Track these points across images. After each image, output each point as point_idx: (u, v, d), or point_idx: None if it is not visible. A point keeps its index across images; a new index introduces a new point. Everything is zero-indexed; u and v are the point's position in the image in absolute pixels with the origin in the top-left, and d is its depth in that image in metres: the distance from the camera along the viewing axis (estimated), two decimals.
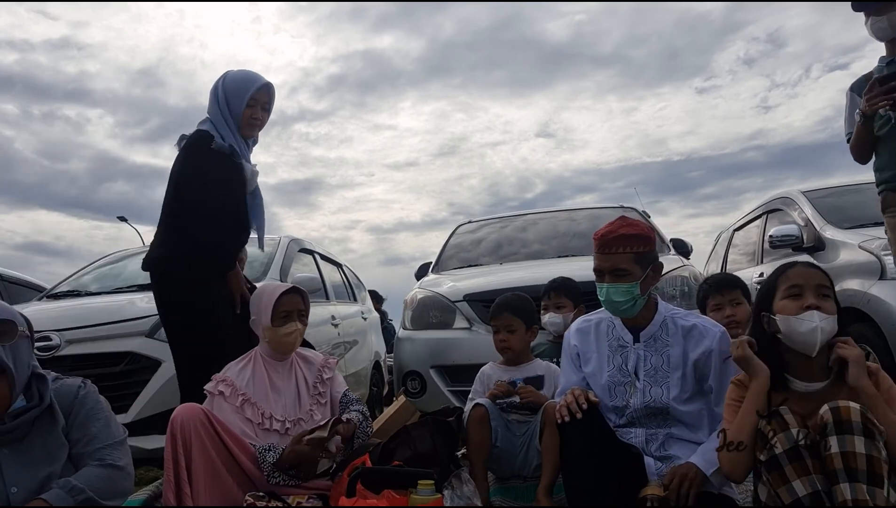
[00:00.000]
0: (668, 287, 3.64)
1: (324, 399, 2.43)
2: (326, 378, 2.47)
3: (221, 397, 2.30)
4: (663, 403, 2.00)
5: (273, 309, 2.37)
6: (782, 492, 1.53)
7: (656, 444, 2.02)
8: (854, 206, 4.26)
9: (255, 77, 2.80)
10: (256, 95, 2.76)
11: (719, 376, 1.98)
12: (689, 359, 2.00)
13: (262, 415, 2.29)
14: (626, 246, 2.00)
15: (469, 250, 5.04)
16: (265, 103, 2.82)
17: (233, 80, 2.78)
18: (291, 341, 2.41)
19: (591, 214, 5.22)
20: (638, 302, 2.02)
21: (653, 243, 2.07)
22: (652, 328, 2.06)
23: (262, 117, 2.83)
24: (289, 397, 2.37)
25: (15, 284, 5.52)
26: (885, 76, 2.51)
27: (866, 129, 2.59)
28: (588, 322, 2.20)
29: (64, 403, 1.81)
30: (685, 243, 4.67)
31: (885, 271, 3.20)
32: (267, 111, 2.85)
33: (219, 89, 2.76)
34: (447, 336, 3.77)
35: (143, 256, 2.73)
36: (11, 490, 1.65)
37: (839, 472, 1.46)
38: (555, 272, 3.51)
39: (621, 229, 2.03)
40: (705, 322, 2.08)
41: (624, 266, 1.99)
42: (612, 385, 2.07)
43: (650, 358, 2.04)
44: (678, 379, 2.00)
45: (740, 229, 5.69)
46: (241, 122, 2.76)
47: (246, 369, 2.39)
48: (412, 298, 4.07)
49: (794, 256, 4.02)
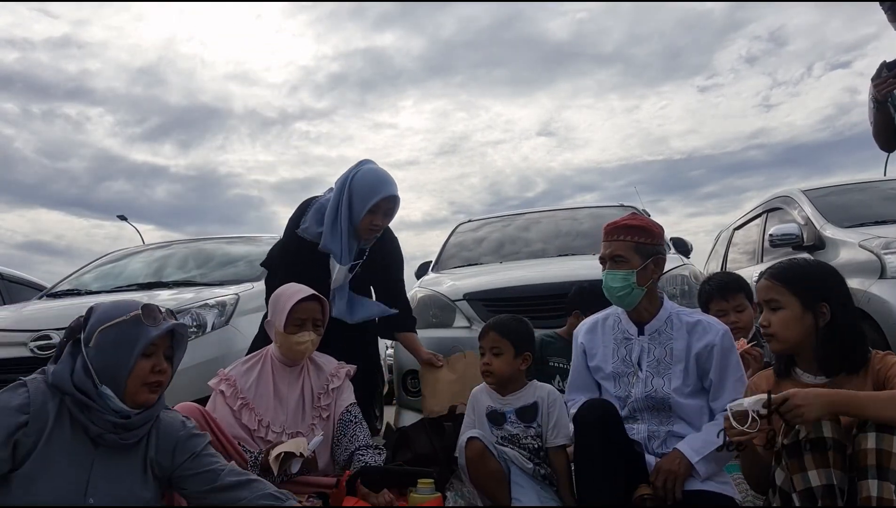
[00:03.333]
0: (669, 286, 3.63)
1: (327, 413, 2.33)
2: (333, 388, 2.36)
3: (221, 396, 2.26)
4: (664, 393, 2.04)
5: (288, 315, 2.28)
6: (797, 479, 1.53)
7: (658, 441, 2.05)
8: (854, 205, 4.27)
9: (385, 185, 2.72)
10: (381, 204, 2.69)
11: (720, 371, 2.02)
12: (692, 352, 2.05)
13: (260, 423, 2.23)
14: (626, 235, 2.10)
15: (469, 248, 5.03)
16: (389, 209, 2.76)
17: (360, 184, 2.70)
18: (302, 350, 2.30)
19: (591, 213, 5.22)
20: (635, 292, 2.08)
21: (656, 237, 2.14)
22: (657, 322, 2.12)
23: (382, 224, 2.77)
24: (291, 407, 2.29)
25: (15, 283, 5.52)
26: (893, 61, 2.51)
27: (883, 115, 2.58)
28: (596, 320, 2.25)
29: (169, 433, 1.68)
30: (685, 242, 4.66)
31: (885, 269, 3.20)
32: (388, 217, 2.79)
33: (348, 182, 2.72)
34: (447, 335, 3.76)
35: (143, 255, 2.75)
36: (90, 500, 1.53)
37: (870, 468, 1.45)
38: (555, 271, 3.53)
39: (626, 220, 2.14)
40: (709, 319, 2.14)
41: (622, 253, 2.08)
42: (616, 376, 2.12)
43: (654, 350, 2.09)
44: (680, 371, 2.05)
45: (740, 227, 5.69)
46: (360, 225, 2.71)
47: (253, 369, 2.34)
48: (412, 297, 4.05)
49: (795, 254, 4.02)
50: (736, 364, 2.04)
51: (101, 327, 1.59)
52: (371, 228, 2.73)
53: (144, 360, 1.59)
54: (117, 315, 1.61)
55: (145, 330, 1.60)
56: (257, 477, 1.72)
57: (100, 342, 1.58)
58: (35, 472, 1.47)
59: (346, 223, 2.70)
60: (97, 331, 1.59)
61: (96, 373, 1.56)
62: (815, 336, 1.73)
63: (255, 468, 2.07)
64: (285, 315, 2.27)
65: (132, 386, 1.58)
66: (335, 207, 2.71)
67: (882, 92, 2.49)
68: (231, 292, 3.74)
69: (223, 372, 2.34)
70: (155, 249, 5.04)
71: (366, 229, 2.72)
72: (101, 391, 1.55)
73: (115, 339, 1.58)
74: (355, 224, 2.71)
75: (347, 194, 2.70)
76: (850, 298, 1.79)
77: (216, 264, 4.61)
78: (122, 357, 1.57)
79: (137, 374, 1.58)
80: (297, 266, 2.72)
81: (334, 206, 2.71)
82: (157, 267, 4.61)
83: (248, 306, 3.68)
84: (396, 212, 2.80)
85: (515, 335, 2.23)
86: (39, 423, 1.50)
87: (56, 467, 1.50)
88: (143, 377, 1.59)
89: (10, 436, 1.46)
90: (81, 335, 1.61)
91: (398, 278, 3.04)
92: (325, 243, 2.72)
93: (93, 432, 1.56)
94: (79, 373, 1.56)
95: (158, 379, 1.62)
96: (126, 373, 1.57)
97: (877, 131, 2.67)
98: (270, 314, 2.38)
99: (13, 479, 1.46)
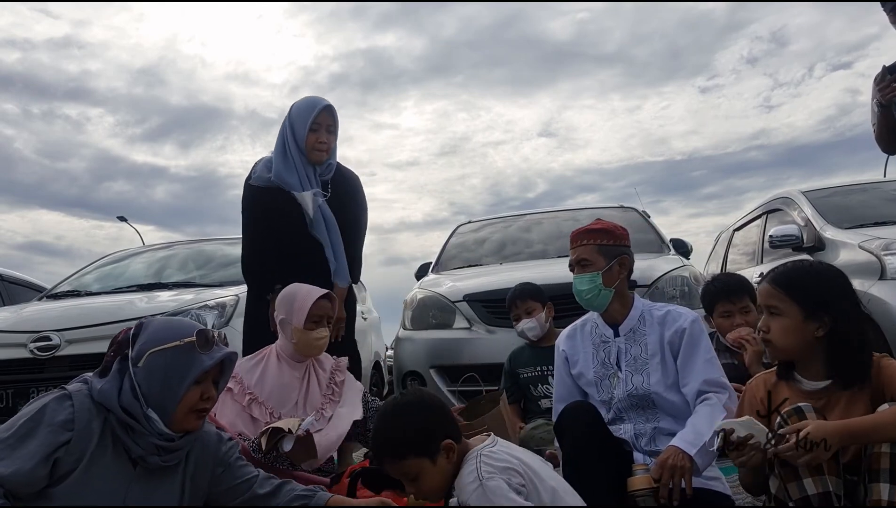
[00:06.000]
0: (668, 287, 3.64)
1: (337, 398, 2.42)
2: (339, 381, 2.46)
3: (229, 393, 2.28)
4: (645, 390, 2.05)
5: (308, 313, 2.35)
6: (792, 488, 1.51)
7: (645, 439, 2.06)
8: (854, 206, 4.28)
9: (317, 101, 2.84)
10: (319, 119, 2.79)
11: (688, 350, 2.03)
12: (665, 342, 2.07)
13: (272, 415, 2.27)
14: (589, 239, 2.15)
15: (469, 249, 5.04)
16: (329, 126, 2.84)
17: (296, 108, 2.85)
18: (320, 345, 2.40)
19: (591, 213, 5.21)
20: (602, 293, 2.11)
21: (620, 239, 2.16)
22: (630, 321, 2.14)
23: (327, 140, 2.83)
24: (301, 399, 2.35)
25: (15, 284, 5.52)
26: (894, 64, 2.51)
27: (886, 118, 2.58)
28: (575, 327, 2.29)
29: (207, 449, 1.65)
30: (685, 243, 4.67)
31: (885, 271, 3.20)
32: (333, 134, 2.86)
33: (286, 116, 2.85)
34: (447, 336, 3.77)
35: (143, 256, 2.76)
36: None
37: (882, 472, 1.44)
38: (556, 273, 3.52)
39: (588, 225, 2.21)
40: (679, 308, 2.17)
41: (586, 256, 2.13)
42: (597, 380, 2.15)
43: (630, 349, 2.12)
44: (657, 364, 2.06)
45: (740, 228, 5.69)
46: (307, 146, 2.78)
47: (257, 367, 2.38)
48: (412, 298, 4.07)
49: (794, 256, 4.02)
50: (706, 347, 2.04)
51: (152, 349, 1.53)
52: (317, 147, 2.79)
53: (195, 387, 1.54)
54: (170, 339, 1.54)
55: (199, 359, 1.54)
56: (286, 480, 1.71)
57: (150, 365, 1.52)
58: (72, 491, 1.43)
59: (295, 149, 2.79)
60: (148, 353, 1.53)
61: (144, 396, 1.50)
62: (817, 344, 1.67)
63: (258, 452, 2.10)
64: (306, 313, 2.34)
65: (180, 413, 1.53)
66: (281, 140, 2.82)
67: (886, 96, 2.49)
68: (231, 294, 3.74)
69: None
70: (155, 250, 5.06)
71: (313, 149, 2.79)
72: (147, 413, 1.50)
73: (166, 364, 1.52)
74: (303, 148, 2.79)
75: (289, 123, 2.82)
76: (857, 304, 1.73)
77: (216, 265, 4.63)
78: (173, 385, 1.51)
79: (186, 402, 1.53)
80: (264, 221, 2.83)
81: (280, 140, 2.82)
82: (158, 268, 4.62)
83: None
84: (337, 128, 2.87)
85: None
86: (83, 443, 1.45)
87: (94, 488, 1.45)
88: (192, 405, 1.54)
89: (52, 454, 1.40)
90: (129, 353, 1.54)
91: (353, 223, 2.97)
92: (278, 175, 2.78)
93: (135, 453, 1.51)
94: (126, 394, 1.50)
95: (206, 406, 1.59)
96: (176, 401, 1.52)
97: (880, 134, 2.67)
98: (285, 313, 2.41)
99: (50, 495, 1.41)
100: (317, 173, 2.85)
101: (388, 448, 1.58)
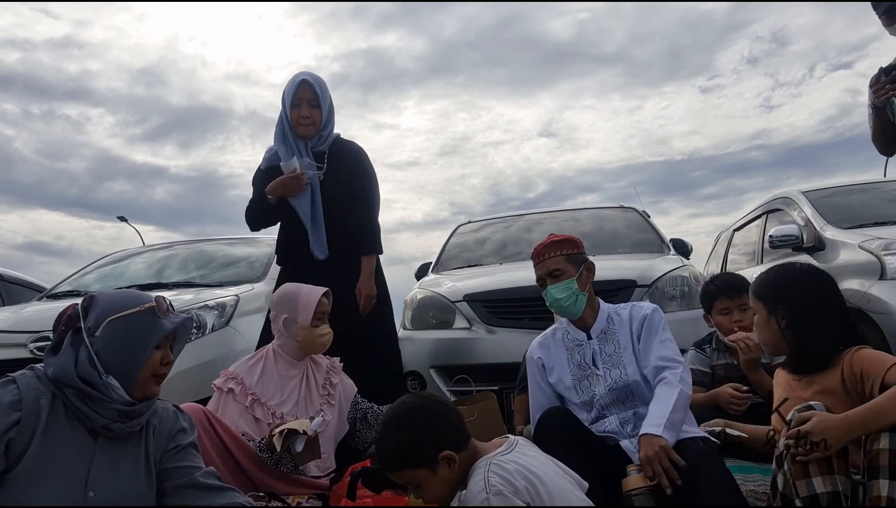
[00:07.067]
0: (668, 287, 3.63)
1: (333, 401, 2.45)
2: (335, 382, 2.49)
3: (231, 395, 2.29)
4: (624, 381, 2.14)
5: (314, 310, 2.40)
6: (800, 485, 1.51)
7: (630, 426, 2.10)
8: (854, 206, 4.27)
9: (296, 77, 2.95)
10: (298, 94, 2.88)
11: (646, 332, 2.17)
12: (634, 334, 2.20)
13: (274, 415, 2.29)
14: (555, 250, 2.26)
15: (469, 249, 5.04)
16: (310, 99, 2.91)
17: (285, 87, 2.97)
18: (325, 342, 2.44)
19: (591, 214, 5.23)
20: (579, 298, 2.22)
21: (580, 247, 2.30)
22: (600, 323, 2.25)
23: (312, 115, 2.92)
24: (300, 397, 2.38)
25: (15, 284, 5.52)
26: (890, 66, 2.51)
27: (881, 120, 2.58)
28: (546, 335, 2.36)
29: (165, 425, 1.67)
30: (685, 243, 4.67)
31: (885, 271, 3.20)
32: (316, 107, 2.93)
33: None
34: (447, 336, 3.77)
35: (143, 256, 2.79)
36: (90, 493, 1.49)
37: (882, 468, 1.44)
38: None
39: (549, 239, 2.32)
40: (641, 303, 2.33)
41: (557, 266, 2.23)
42: (576, 383, 2.21)
43: (605, 348, 2.22)
44: (631, 354, 2.17)
45: (740, 229, 5.69)
46: (293, 121, 2.91)
47: (257, 366, 2.38)
48: (412, 298, 4.07)
49: (795, 256, 4.02)
50: (664, 329, 2.17)
51: (110, 317, 1.55)
52: (301, 121, 2.92)
53: (155, 352, 1.58)
54: (129, 306, 1.57)
55: (160, 323, 1.59)
56: (233, 487, 1.70)
57: (110, 333, 1.54)
58: (32, 469, 1.44)
59: (287, 126, 2.97)
60: (105, 321, 1.55)
61: (104, 364, 1.52)
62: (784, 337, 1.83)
63: (263, 451, 2.13)
64: (312, 311, 2.38)
65: (142, 378, 1.56)
66: (280, 122, 2.99)
67: (881, 98, 2.50)
68: (231, 294, 3.74)
69: (228, 372, 2.37)
70: (155, 250, 5.05)
71: (297, 124, 2.93)
72: (106, 381, 1.52)
73: (128, 330, 1.55)
74: (292, 124, 2.94)
75: (282, 105, 2.97)
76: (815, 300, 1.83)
77: (216, 265, 4.62)
78: (136, 351, 1.55)
79: (148, 366, 1.57)
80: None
81: (279, 122, 3.00)
82: (158, 268, 4.61)
83: (248, 308, 3.68)
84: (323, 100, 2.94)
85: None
86: (33, 419, 1.46)
87: (54, 462, 1.47)
88: (154, 369, 1.58)
89: (3, 435, 1.41)
90: (82, 325, 1.56)
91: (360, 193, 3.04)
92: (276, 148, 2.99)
93: (97, 422, 1.52)
94: (83, 365, 1.51)
95: (165, 371, 1.62)
96: (140, 365, 1.55)
97: (875, 136, 2.68)
98: (287, 312, 2.42)
99: (8, 479, 1.42)
100: (308, 146, 2.98)
101: (385, 460, 1.60)
